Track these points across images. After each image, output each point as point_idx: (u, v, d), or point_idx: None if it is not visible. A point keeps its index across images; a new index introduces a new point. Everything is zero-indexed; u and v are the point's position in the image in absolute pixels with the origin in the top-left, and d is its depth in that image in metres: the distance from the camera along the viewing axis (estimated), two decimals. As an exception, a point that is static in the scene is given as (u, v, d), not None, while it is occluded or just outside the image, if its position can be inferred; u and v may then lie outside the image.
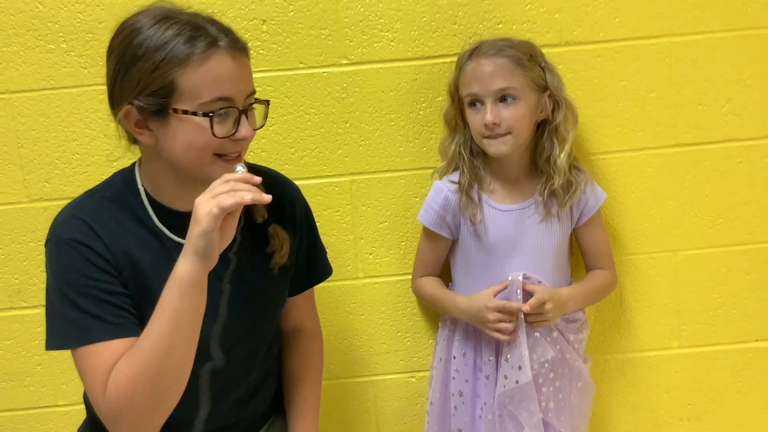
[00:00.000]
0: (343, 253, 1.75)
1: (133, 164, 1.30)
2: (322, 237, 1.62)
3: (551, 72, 1.56)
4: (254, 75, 1.25)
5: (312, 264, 1.47)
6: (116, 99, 1.18)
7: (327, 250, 1.51)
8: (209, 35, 1.15)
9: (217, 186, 1.10)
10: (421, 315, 1.79)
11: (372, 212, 1.74)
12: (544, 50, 1.63)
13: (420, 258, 1.70)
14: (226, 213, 1.08)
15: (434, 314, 1.77)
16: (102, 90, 1.24)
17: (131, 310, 1.19)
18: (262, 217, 1.33)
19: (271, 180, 1.33)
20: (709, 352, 1.82)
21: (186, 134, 1.16)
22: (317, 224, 1.49)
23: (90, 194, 1.27)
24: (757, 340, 1.82)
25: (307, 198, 1.69)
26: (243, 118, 1.18)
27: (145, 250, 1.23)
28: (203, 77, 1.13)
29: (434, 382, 1.68)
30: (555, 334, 1.57)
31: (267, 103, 1.25)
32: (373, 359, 1.80)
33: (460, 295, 1.61)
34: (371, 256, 1.75)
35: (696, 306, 1.81)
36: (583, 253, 1.69)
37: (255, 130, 1.22)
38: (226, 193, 1.08)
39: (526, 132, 1.54)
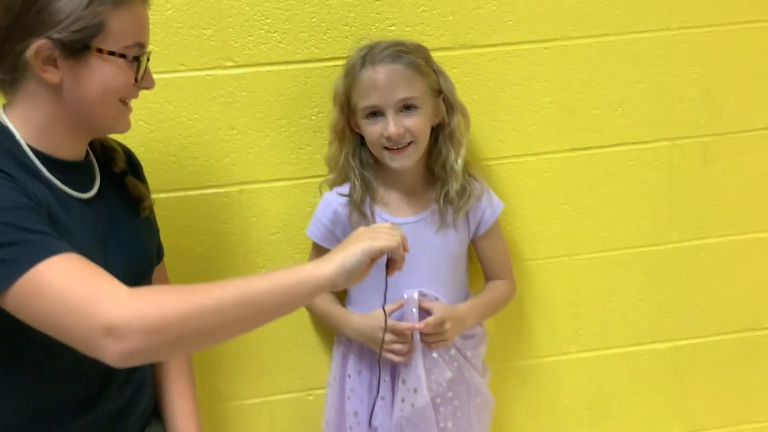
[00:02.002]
0: (234, 267, 1.64)
1: None
2: (210, 250, 1.55)
3: (443, 75, 1.52)
4: None
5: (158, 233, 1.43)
6: (21, 31, 1.09)
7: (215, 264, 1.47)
8: None
9: (381, 230, 1.15)
10: (317, 329, 1.71)
11: (263, 223, 1.65)
12: (438, 54, 1.58)
13: None
14: (380, 254, 1.12)
15: (331, 328, 1.69)
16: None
17: None
18: (121, 168, 1.30)
19: (122, 144, 1.36)
20: (606, 355, 1.83)
21: (104, 76, 1.13)
22: (203, 236, 1.44)
23: None
24: (652, 342, 1.84)
25: (193, 210, 1.62)
26: (148, 65, 1.21)
27: (47, 198, 1.11)
28: (130, 21, 1.14)
29: (330, 400, 1.61)
30: (453, 351, 1.52)
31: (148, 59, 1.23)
32: (267, 378, 1.71)
33: (354, 313, 1.54)
34: (263, 270, 1.66)
35: (593, 310, 1.81)
36: (481, 264, 1.65)
37: None
38: (388, 237, 1.13)
39: (426, 140, 1.49)
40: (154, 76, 1.54)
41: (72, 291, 0.99)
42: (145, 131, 1.55)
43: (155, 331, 0.97)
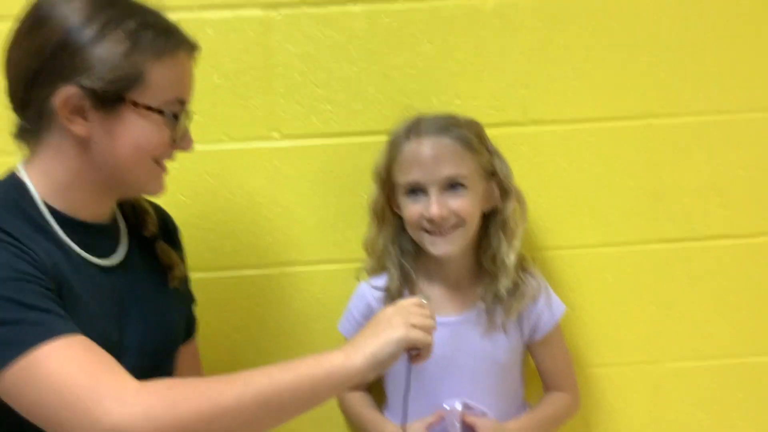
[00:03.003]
0: (270, 355, 1.50)
1: (12, 171, 1.08)
2: (246, 336, 1.47)
3: (498, 156, 1.36)
4: None
5: (190, 302, 1.32)
6: (50, 75, 1.00)
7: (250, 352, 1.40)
8: (178, 32, 1.07)
9: (413, 313, 1.03)
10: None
11: (305, 310, 1.50)
12: (506, 129, 1.45)
13: None
14: (414, 346, 1.02)
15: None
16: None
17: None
18: (152, 233, 1.19)
19: (156, 206, 1.26)
20: (696, 480, 1.58)
21: (138, 132, 1.04)
22: (240, 321, 1.38)
23: None
24: (751, 467, 1.58)
25: (230, 292, 1.51)
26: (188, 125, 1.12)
27: (57, 262, 1.01)
28: (172, 74, 1.06)
29: None
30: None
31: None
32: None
33: (390, 422, 1.36)
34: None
35: (680, 427, 1.57)
36: (539, 372, 1.45)
37: None
38: (421, 332, 1.02)
39: (475, 225, 1.32)
40: (196, 147, 1.46)
41: (73, 384, 0.89)
42: (183, 205, 1.44)
43: None
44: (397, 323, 1.00)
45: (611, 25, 1.46)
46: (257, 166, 1.47)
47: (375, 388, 1.47)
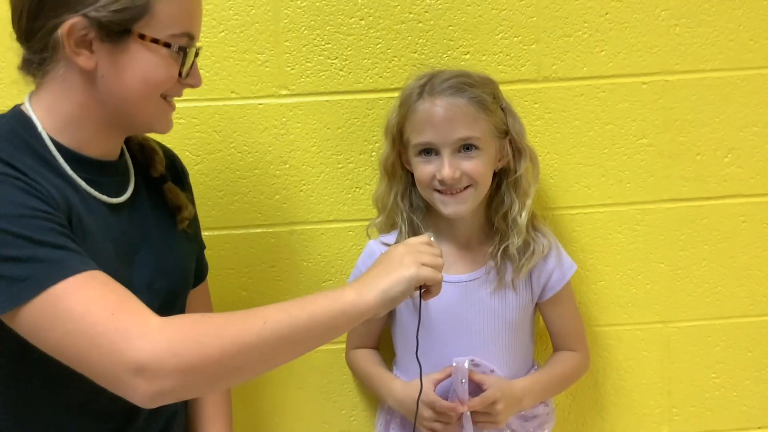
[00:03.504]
0: (280, 315, 1.49)
1: (16, 106, 1.06)
2: (254, 295, 1.46)
3: (512, 114, 1.33)
4: (178, 104, 1.10)
5: (200, 248, 1.30)
6: (55, 5, 0.97)
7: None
8: None
9: (423, 252, 1.03)
10: (365, 392, 1.53)
11: (314, 268, 1.49)
12: (518, 86, 1.42)
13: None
14: (424, 284, 1.02)
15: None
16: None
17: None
18: (160, 173, 1.17)
19: (165, 147, 1.23)
20: (704, 441, 1.58)
21: (144, 65, 1.00)
22: (248, 279, 1.38)
23: None
24: (759, 428, 1.58)
25: (238, 250, 1.49)
26: (196, 61, 1.07)
27: (67, 196, 0.99)
28: (180, 7, 1.02)
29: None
30: (508, 432, 1.31)
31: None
32: (312, 440, 1.54)
33: (398, 380, 1.36)
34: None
35: (690, 387, 1.56)
36: (548, 331, 1.44)
37: None
38: (431, 269, 1.02)
39: (487, 186, 1.30)
40: (202, 104, 1.44)
41: (96, 322, 0.88)
42: (191, 162, 1.41)
43: (192, 370, 0.88)
44: (409, 262, 1.01)
45: (626, -21, 1.43)
46: (265, 123, 1.44)
47: (383, 346, 1.47)
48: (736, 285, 1.53)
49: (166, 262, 1.13)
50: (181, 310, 1.18)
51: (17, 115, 1.03)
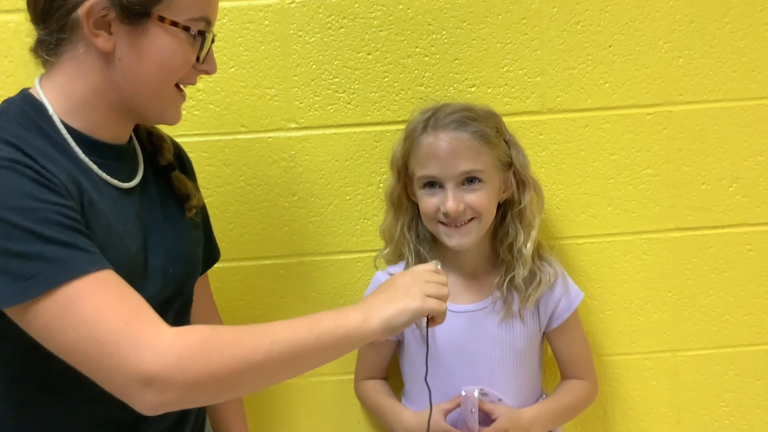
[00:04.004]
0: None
1: (24, 89, 1.04)
2: None
3: (515, 146, 1.35)
4: (188, 139, 1.15)
5: (209, 235, 1.29)
6: None
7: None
8: None
9: (429, 282, 1.04)
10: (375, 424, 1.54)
11: (323, 300, 1.50)
12: (523, 118, 1.44)
13: (361, 358, 1.46)
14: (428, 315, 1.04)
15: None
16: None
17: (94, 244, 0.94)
18: (168, 161, 1.17)
19: (170, 137, 1.22)
20: (715, 470, 1.57)
21: (163, 49, 1.00)
22: (258, 311, 1.40)
23: None
24: (770, 457, 1.57)
25: (248, 282, 1.51)
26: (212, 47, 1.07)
27: (80, 180, 0.98)
28: None
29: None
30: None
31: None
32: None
33: (408, 410, 1.36)
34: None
35: (699, 416, 1.56)
36: (556, 360, 1.44)
37: None
38: (436, 301, 1.03)
39: (491, 218, 1.31)
40: (213, 138, 1.47)
41: (110, 330, 0.88)
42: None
43: (198, 385, 0.90)
44: (415, 293, 1.02)
45: (629, 12, 1.44)
46: (274, 156, 1.46)
47: (391, 377, 1.48)
48: (743, 313, 1.53)
49: (178, 249, 1.13)
50: (189, 296, 1.18)
51: (27, 98, 1.02)
